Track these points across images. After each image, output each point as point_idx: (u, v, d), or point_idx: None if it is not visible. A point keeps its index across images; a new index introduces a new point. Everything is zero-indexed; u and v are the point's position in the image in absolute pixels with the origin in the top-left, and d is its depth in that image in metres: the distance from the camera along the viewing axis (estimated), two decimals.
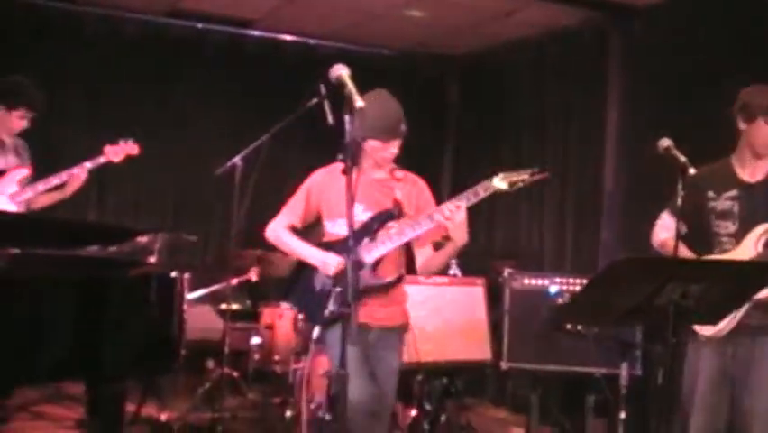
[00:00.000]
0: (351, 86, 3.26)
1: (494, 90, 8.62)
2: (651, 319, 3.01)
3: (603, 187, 7.11)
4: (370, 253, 3.99)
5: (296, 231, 4.24)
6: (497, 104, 8.54)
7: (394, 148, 4.05)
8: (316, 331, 4.02)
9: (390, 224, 4.01)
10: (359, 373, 3.77)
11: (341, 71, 3.31)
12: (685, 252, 4.18)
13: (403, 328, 4.19)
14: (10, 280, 3.57)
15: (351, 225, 3.33)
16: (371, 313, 3.93)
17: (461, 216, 3.80)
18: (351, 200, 3.30)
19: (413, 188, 4.16)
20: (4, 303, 3.51)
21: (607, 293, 2.94)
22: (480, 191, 3.86)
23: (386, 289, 4.04)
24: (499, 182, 3.83)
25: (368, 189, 4.01)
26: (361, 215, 4.01)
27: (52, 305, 3.67)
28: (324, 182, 4.19)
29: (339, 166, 4.02)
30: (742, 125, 4.22)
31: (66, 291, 3.74)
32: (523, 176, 3.85)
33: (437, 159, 9.23)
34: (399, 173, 4.17)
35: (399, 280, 4.10)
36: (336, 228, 4.11)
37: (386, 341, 4.04)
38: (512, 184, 3.85)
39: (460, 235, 3.87)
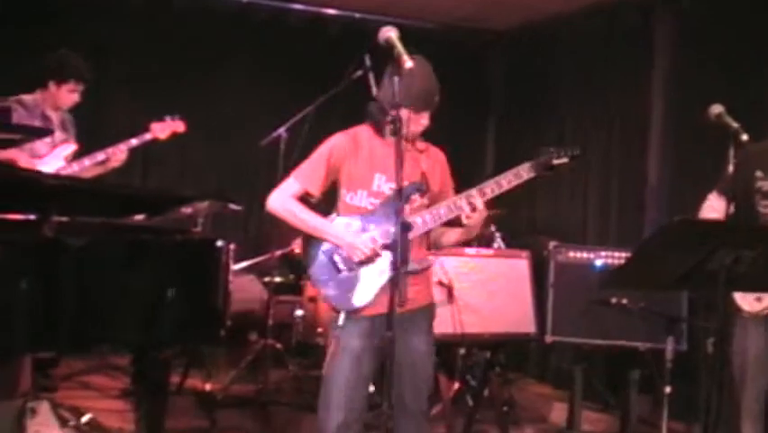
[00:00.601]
0: (400, 47, 3.27)
1: (537, 65, 8.53)
2: (702, 286, 2.96)
3: (648, 164, 7.02)
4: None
5: (305, 202, 3.83)
6: (540, 78, 8.46)
7: (425, 120, 3.78)
8: (342, 318, 3.71)
9: (414, 198, 3.75)
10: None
11: (390, 33, 3.33)
12: None
13: (432, 307, 3.95)
14: (58, 247, 3.59)
15: (399, 188, 3.27)
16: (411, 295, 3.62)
17: (481, 207, 3.69)
18: (399, 163, 3.24)
19: (436, 162, 3.93)
20: (52, 269, 3.54)
21: (658, 257, 2.90)
22: (522, 174, 3.76)
23: (421, 272, 3.80)
24: (537, 166, 3.75)
25: (391, 159, 3.53)
26: (384, 186, 3.74)
27: (99, 272, 3.69)
28: (348, 147, 3.80)
29: (362, 130, 3.83)
30: None
31: (112, 258, 3.76)
32: (563, 159, 3.74)
33: (480, 134, 9.18)
34: (421, 144, 3.91)
35: (430, 264, 3.91)
36: (357, 200, 3.78)
37: (414, 322, 3.75)
38: (551, 168, 3.75)
39: (474, 227, 3.84)
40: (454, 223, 3.85)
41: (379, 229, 3.69)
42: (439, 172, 3.91)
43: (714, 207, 4.33)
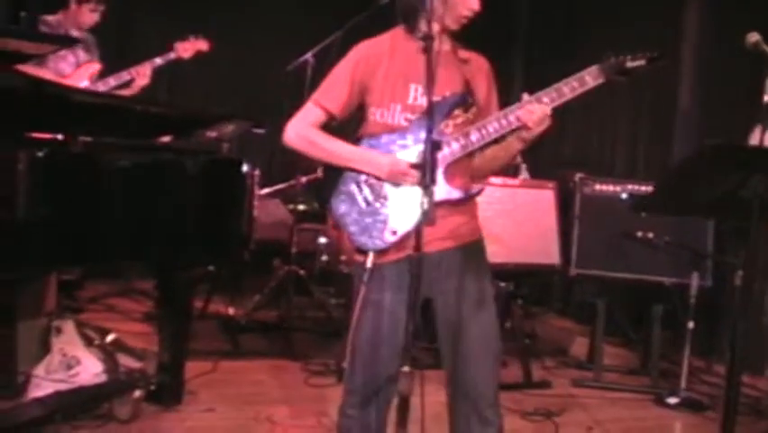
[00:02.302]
0: None
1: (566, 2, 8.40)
2: (734, 214, 2.91)
3: (678, 98, 6.91)
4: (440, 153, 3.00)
5: (325, 128, 3.25)
6: (569, 5, 8.32)
7: (476, 2, 3.15)
8: (369, 261, 3.06)
9: (457, 113, 3.17)
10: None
11: None
12: None
13: (482, 244, 3.30)
14: (84, 164, 3.59)
15: (430, 100, 2.76)
16: (451, 229, 3.14)
17: (546, 116, 3.06)
18: (430, 83, 2.76)
19: (480, 72, 3.29)
20: (80, 187, 3.54)
21: (690, 182, 2.85)
22: (588, 80, 3.13)
23: (464, 202, 3.17)
24: (608, 70, 3.13)
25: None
26: (421, 99, 3.12)
27: (124, 189, 3.69)
28: (376, 56, 3.20)
29: (392, 35, 3.25)
30: None
31: (137, 177, 3.76)
32: (639, 61, 3.14)
33: (508, 63, 9.07)
34: (464, 52, 3.27)
35: (480, 191, 3.23)
36: (389, 117, 3.17)
37: (459, 263, 3.16)
38: (624, 72, 3.13)
39: (532, 138, 3.11)
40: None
41: (413, 149, 3.10)
42: (485, 84, 3.30)
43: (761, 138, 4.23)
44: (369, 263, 3.06)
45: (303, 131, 3.21)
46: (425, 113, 2.99)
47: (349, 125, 3.31)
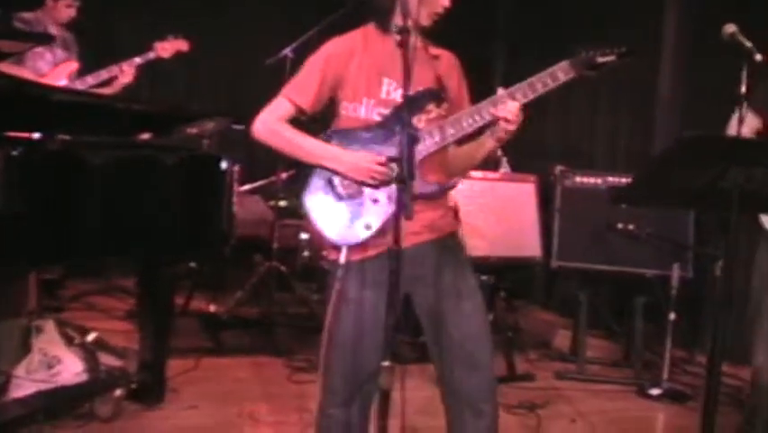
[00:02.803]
0: None
1: None
2: (714, 205, 2.91)
3: (657, 89, 6.92)
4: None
5: (295, 123, 3.22)
6: (550, 9, 8.32)
7: None
8: (343, 257, 3.00)
9: (429, 108, 3.15)
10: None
11: None
12: None
13: (458, 236, 3.29)
14: (62, 162, 3.57)
15: (406, 94, 2.76)
16: (426, 224, 3.12)
17: (518, 113, 3.04)
18: (407, 79, 2.74)
19: (452, 68, 3.30)
20: (56, 184, 3.52)
21: (669, 173, 2.84)
22: (559, 75, 3.09)
23: (438, 196, 3.18)
24: (578, 65, 3.09)
25: (400, 61, 2.93)
26: (394, 93, 3.12)
27: (103, 186, 3.68)
28: (348, 51, 3.19)
29: (364, 31, 3.23)
30: None
31: (117, 173, 3.75)
32: (609, 57, 3.13)
33: (488, 53, 9.06)
34: (434, 49, 3.26)
35: (455, 184, 3.23)
36: (362, 111, 3.15)
37: (439, 256, 3.14)
38: (594, 67, 3.11)
39: (506, 136, 3.09)
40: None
41: (387, 144, 3.08)
42: (456, 79, 3.30)
43: (753, 127, 4.23)
44: (342, 259, 3.01)
45: (271, 124, 3.19)
46: (398, 107, 3.02)
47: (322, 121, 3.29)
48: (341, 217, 3.06)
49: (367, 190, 3.07)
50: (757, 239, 4.18)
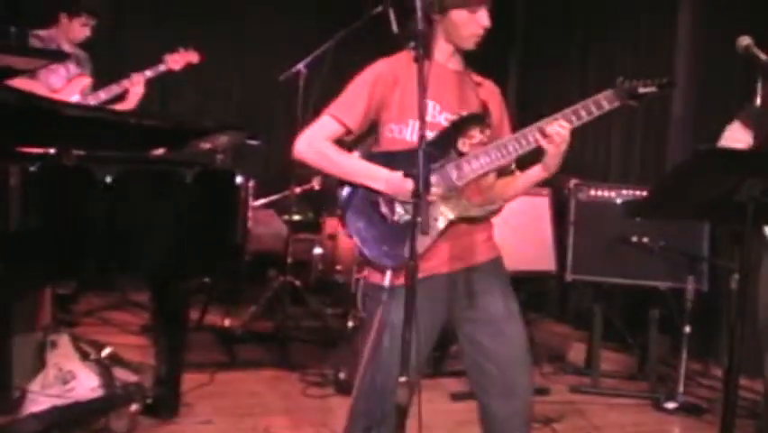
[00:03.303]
0: None
1: (561, 10, 8.39)
2: (729, 218, 2.90)
3: (672, 102, 6.91)
4: (460, 170, 3.09)
5: (339, 143, 3.19)
6: (564, 13, 8.32)
7: (484, 18, 3.14)
8: (388, 278, 2.98)
9: (473, 132, 3.14)
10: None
11: None
12: None
13: (500, 262, 3.30)
14: (77, 177, 3.58)
15: (422, 121, 2.69)
16: (470, 248, 3.15)
17: (567, 137, 3.07)
18: (422, 92, 2.69)
19: (493, 96, 3.32)
20: (71, 198, 3.53)
21: (684, 186, 2.84)
22: (604, 103, 3.10)
23: (482, 220, 3.20)
24: (622, 94, 3.11)
25: (444, 85, 3.09)
26: (439, 117, 3.12)
27: (118, 201, 3.69)
28: (394, 73, 3.17)
29: (407, 56, 3.19)
30: None
31: (133, 190, 3.76)
32: (650, 88, 3.15)
33: (503, 69, 9.04)
34: (476, 76, 3.29)
35: (500, 209, 3.24)
36: (407, 133, 3.14)
37: (480, 282, 3.14)
38: (636, 97, 3.13)
39: (555, 163, 3.13)
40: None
41: (432, 165, 3.05)
42: (498, 107, 3.31)
43: (738, 139, 4.25)
44: (386, 282, 2.98)
45: (317, 144, 3.14)
46: (444, 131, 3.08)
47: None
48: (387, 240, 3.05)
49: (411, 212, 2.94)
50: (762, 251, 4.18)
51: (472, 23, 3.13)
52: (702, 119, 6.60)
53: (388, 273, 2.99)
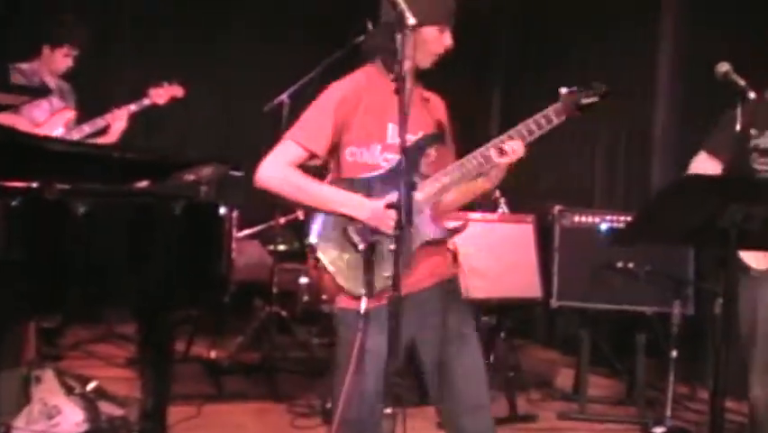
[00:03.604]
0: (402, 4, 2.98)
1: (543, 23, 8.45)
2: (712, 243, 2.92)
3: (654, 122, 6.95)
4: (423, 191, 3.11)
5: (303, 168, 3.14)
6: (546, 38, 8.38)
7: (449, 38, 3.18)
8: (363, 304, 2.98)
9: (430, 152, 3.16)
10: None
11: None
12: None
13: (457, 280, 3.32)
14: (60, 211, 3.57)
15: (403, 141, 2.72)
16: (432, 269, 3.17)
17: (522, 153, 3.14)
18: (403, 123, 2.71)
19: (442, 112, 3.34)
20: (55, 233, 3.52)
21: (668, 212, 2.86)
22: (552, 117, 3.17)
23: (444, 240, 3.22)
24: (569, 106, 3.20)
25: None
26: (397, 138, 2.93)
27: (102, 236, 3.67)
28: (355, 95, 3.14)
29: (367, 72, 3.22)
30: None
31: (116, 223, 3.75)
32: (592, 98, 3.23)
33: (486, 96, 9.09)
34: (425, 92, 3.29)
35: (464, 226, 3.29)
36: (369, 157, 3.11)
37: (438, 301, 3.17)
38: (581, 108, 3.22)
39: (501, 176, 3.23)
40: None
41: (395, 190, 2.92)
42: (447, 121, 3.34)
43: (705, 168, 4.30)
44: (362, 308, 2.97)
45: (282, 171, 3.10)
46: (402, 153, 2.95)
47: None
48: (359, 268, 3.02)
49: (382, 239, 3.03)
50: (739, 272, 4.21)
51: (439, 42, 3.15)
52: (685, 143, 6.62)
53: (364, 299, 2.98)
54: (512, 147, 3.11)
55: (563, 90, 3.23)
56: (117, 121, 5.74)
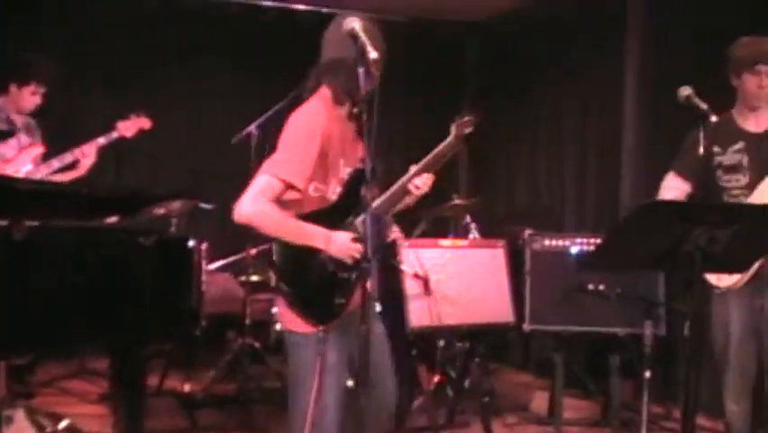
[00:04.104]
0: (363, 37, 3.03)
1: (511, 52, 8.52)
2: (678, 267, 2.96)
3: (622, 145, 7.02)
4: (363, 222, 3.25)
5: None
6: (514, 66, 8.45)
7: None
8: (322, 328, 3.23)
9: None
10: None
11: (353, 24, 3.11)
12: None
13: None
14: (30, 250, 3.56)
15: (372, 169, 2.95)
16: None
17: (431, 184, 3.42)
18: (370, 156, 2.93)
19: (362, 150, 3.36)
20: (24, 272, 3.50)
21: (633, 238, 2.90)
22: (447, 151, 3.42)
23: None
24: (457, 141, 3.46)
25: (345, 138, 3.31)
26: (344, 171, 3.33)
27: (73, 273, 3.66)
28: (329, 130, 3.25)
29: (323, 105, 3.31)
30: (733, 81, 4.24)
31: (85, 260, 3.73)
32: (469, 128, 3.50)
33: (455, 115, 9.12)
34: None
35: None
36: (328, 191, 3.31)
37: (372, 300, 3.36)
38: (465, 138, 3.51)
39: (413, 203, 3.53)
40: None
41: (346, 224, 3.29)
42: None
43: (673, 187, 4.36)
44: (321, 332, 3.20)
45: (263, 207, 3.18)
46: (347, 185, 3.30)
47: None
48: (320, 294, 3.25)
49: (339, 267, 3.24)
50: (709, 294, 4.26)
51: (368, 80, 3.13)
52: (653, 164, 6.69)
53: (320, 328, 3.22)
54: (424, 181, 3.38)
55: (454, 124, 3.50)
56: (86, 155, 5.73)
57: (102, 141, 5.80)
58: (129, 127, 5.90)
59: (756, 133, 4.24)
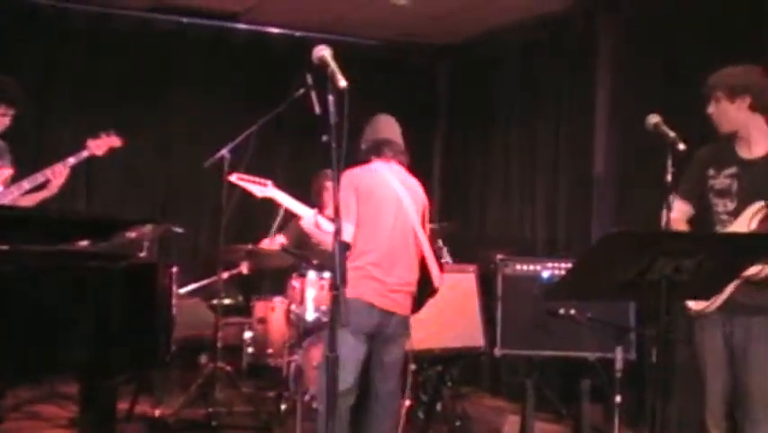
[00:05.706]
0: (333, 66, 3.10)
1: (483, 77, 8.59)
2: (644, 295, 2.98)
3: (594, 172, 7.08)
4: None
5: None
6: (486, 90, 8.50)
7: None
8: None
9: None
10: None
11: (323, 52, 3.18)
12: None
13: None
14: None
15: (336, 211, 3.08)
16: None
17: None
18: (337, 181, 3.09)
19: None
20: None
21: (599, 268, 2.91)
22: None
23: None
24: None
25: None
26: None
27: (41, 300, 3.63)
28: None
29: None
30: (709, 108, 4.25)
31: (54, 286, 3.71)
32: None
33: (427, 148, 9.17)
34: None
35: None
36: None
37: None
38: None
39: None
40: None
41: None
42: None
43: (676, 209, 4.35)
44: None
45: None
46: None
47: None
48: None
49: None
50: (690, 318, 4.29)
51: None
52: (625, 189, 6.76)
53: None
54: None
55: None
56: (57, 175, 5.69)
57: (72, 160, 5.75)
58: (99, 146, 5.85)
59: (749, 160, 4.23)
